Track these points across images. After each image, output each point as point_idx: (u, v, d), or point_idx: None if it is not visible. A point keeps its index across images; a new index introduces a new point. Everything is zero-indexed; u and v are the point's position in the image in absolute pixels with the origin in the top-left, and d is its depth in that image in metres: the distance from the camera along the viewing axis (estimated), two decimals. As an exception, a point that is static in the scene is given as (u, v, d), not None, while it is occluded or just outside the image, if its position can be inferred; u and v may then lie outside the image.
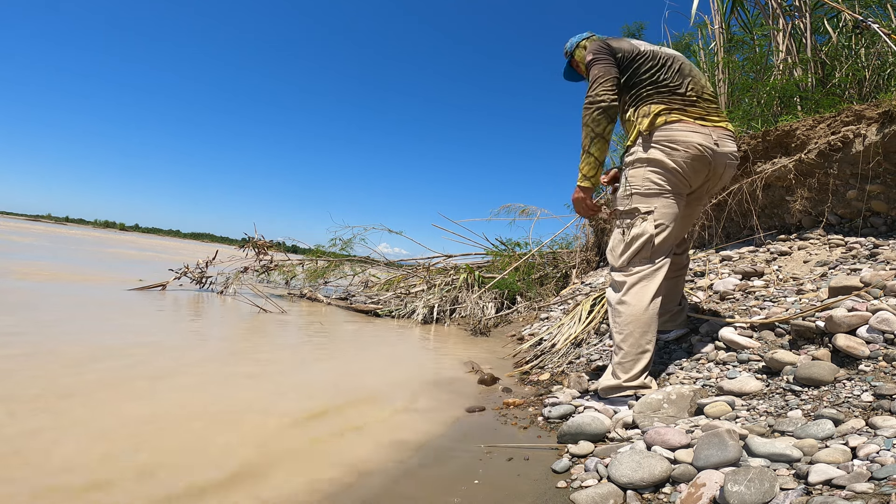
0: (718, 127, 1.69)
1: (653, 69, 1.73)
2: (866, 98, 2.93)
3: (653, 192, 1.65)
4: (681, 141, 1.62)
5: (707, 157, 1.65)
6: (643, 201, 1.66)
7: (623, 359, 1.61)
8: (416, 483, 1.21)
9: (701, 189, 1.78)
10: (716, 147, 1.65)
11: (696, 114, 1.68)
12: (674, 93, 1.70)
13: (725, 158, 1.70)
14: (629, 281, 1.65)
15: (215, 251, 5.87)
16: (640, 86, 1.73)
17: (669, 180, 1.65)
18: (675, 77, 1.72)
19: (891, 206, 2.43)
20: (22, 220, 67.21)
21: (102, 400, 1.57)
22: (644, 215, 1.65)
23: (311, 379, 2.14)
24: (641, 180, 1.66)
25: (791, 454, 0.99)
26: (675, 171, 1.64)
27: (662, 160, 1.63)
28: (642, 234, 1.64)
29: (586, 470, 1.21)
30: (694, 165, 1.64)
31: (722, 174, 1.73)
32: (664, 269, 1.66)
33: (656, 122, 1.66)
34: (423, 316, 4.29)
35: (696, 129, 1.64)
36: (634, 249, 1.65)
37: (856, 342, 1.36)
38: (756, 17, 3.83)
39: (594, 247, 5.11)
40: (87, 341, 2.34)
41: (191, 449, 1.30)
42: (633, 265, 1.66)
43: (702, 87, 1.75)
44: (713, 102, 1.76)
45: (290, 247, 6.56)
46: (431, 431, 1.57)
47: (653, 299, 1.62)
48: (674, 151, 1.63)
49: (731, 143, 1.73)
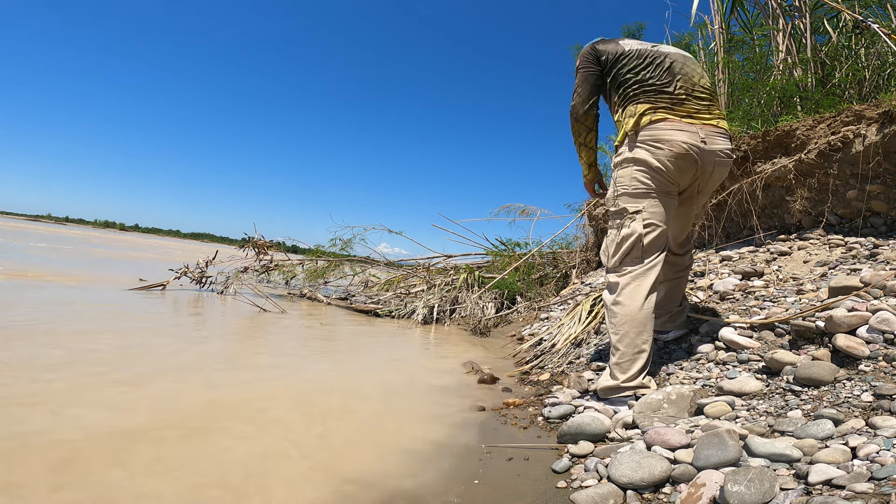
0: (708, 125, 1.68)
1: (637, 68, 1.74)
2: (866, 98, 2.93)
3: (640, 191, 1.66)
4: (665, 140, 1.63)
5: (692, 155, 1.64)
6: (631, 201, 1.67)
7: (620, 359, 1.61)
8: (416, 483, 1.21)
9: (692, 188, 1.77)
10: (702, 145, 1.65)
11: (684, 112, 1.68)
12: (661, 91, 1.70)
13: (714, 156, 1.68)
14: (622, 281, 1.66)
15: (215, 251, 5.87)
16: (625, 86, 1.75)
17: (655, 179, 1.65)
18: (664, 75, 1.72)
19: (891, 206, 2.43)
20: (22, 220, 67.23)
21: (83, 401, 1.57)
22: (632, 215, 1.66)
23: (310, 379, 2.13)
24: (629, 180, 1.68)
25: (791, 454, 0.99)
26: (660, 170, 1.64)
27: (647, 159, 1.64)
28: (631, 234, 1.65)
29: (586, 470, 1.21)
30: (678, 164, 1.64)
31: (712, 172, 1.72)
32: (657, 268, 1.66)
33: (641, 121, 1.67)
34: (423, 316, 4.29)
35: (682, 127, 1.64)
36: (625, 250, 1.66)
37: (856, 342, 1.36)
38: (756, 18, 3.84)
39: (594, 247, 5.11)
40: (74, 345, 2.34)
41: (186, 462, 1.29)
42: (624, 265, 1.67)
43: (692, 84, 1.73)
44: (706, 100, 1.74)
45: (290, 247, 6.57)
46: (431, 431, 1.56)
47: (647, 298, 1.62)
48: (658, 150, 1.63)
49: (722, 141, 1.71)
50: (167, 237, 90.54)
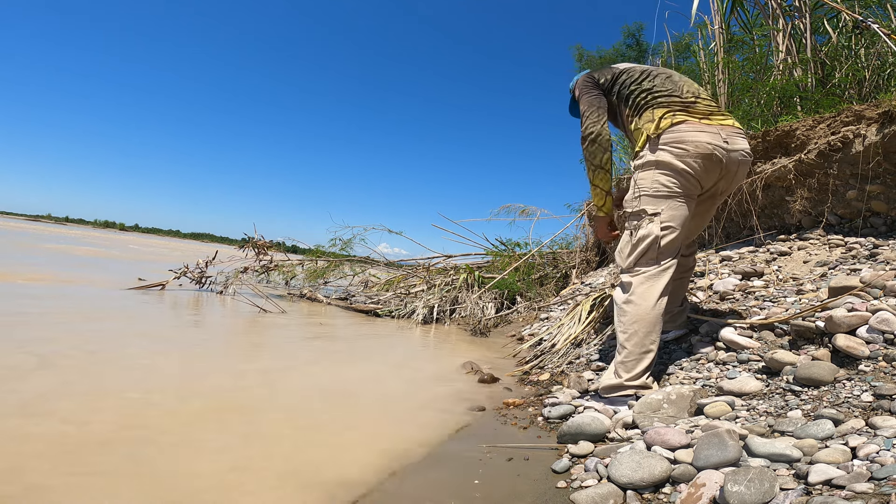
0: (725, 125, 1.68)
1: (641, 80, 1.77)
2: (866, 98, 2.93)
3: (661, 194, 1.65)
4: (689, 141, 1.62)
5: (718, 155, 1.63)
6: (650, 203, 1.66)
7: (626, 358, 1.61)
8: (416, 483, 1.21)
9: (714, 188, 1.76)
10: (726, 145, 1.64)
11: (700, 113, 1.68)
12: (671, 95, 1.71)
13: (738, 156, 1.68)
14: (635, 281, 1.65)
15: (215, 251, 5.87)
16: (634, 95, 1.76)
17: (679, 182, 1.64)
18: (666, 82, 1.75)
19: (891, 206, 2.43)
20: (22, 220, 67.23)
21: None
22: (651, 217, 1.65)
23: (308, 378, 2.13)
24: (650, 182, 1.66)
25: (791, 454, 0.99)
26: (686, 173, 1.63)
27: (672, 162, 1.63)
28: (648, 235, 1.64)
29: (586, 470, 1.21)
30: (705, 165, 1.63)
31: (736, 172, 1.72)
32: (671, 271, 1.66)
33: (661, 124, 1.66)
34: (423, 316, 4.29)
35: (703, 128, 1.64)
36: (641, 251, 1.65)
37: (856, 342, 1.36)
38: (756, 18, 3.84)
39: (594, 247, 5.11)
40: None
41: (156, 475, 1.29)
42: (639, 266, 1.66)
43: (697, 88, 1.77)
44: (713, 103, 1.76)
45: (289, 247, 6.56)
46: (431, 431, 1.56)
47: (658, 300, 1.62)
48: (683, 152, 1.62)
49: (742, 141, 1.71)
50: (167, 237, 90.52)
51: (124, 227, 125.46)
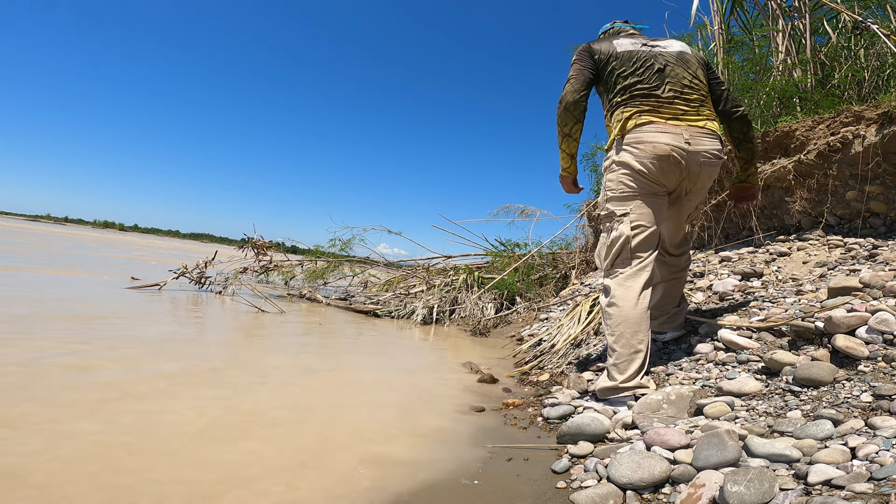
0: (694, 126, 1.68)
1: (626, 73, 1.75)
2: (866, 99, 2.93)
3: (626, 194, 1.68)
4: (648, 142, 1.64)
5: (675, 156, 1.64)
6: (618, 204, 1.70)
7: (617, 360, 1.62)
8: (415, 483, 1.21)
9: (680, 189, 1.77)
10: (687, 146, 1.65)
11: (670, 114, 1.68)
12: (649, 94, 1.71)
13: (699, 157, 1.67)
14: (614, 284, 1.68)
15: (214, 252, 5.87)
16: (613, 91, 1.77)
17: (638, 181, 1.67)
18: (653, 78, 1.72)
19: (890, 206, 2.43)
20: (21, 220, 67.21)
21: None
22: (620, 218, 1.69)
23: (307, 378, 2.13)
24: (616, 184, 1.71)
25: (790, 454, 0.99)
26: (642, 172, 1.66)
27: (630, 162, 1.66)
28: (620, 236, 1.68)
29: (586, 470, 1.21)
30: (661, 166, 1.65)
31: (699, 173, 1.71)
32: (648, 269, 1.68)
33: (627, 125, 1.69)
34: (423, 316, 4.29)
35: (666, 129, 1.65)
36: (615, 252, 1.69)
37: (855, 343, 1.37)
38: (756, 18, 3.84)
39: (593, 247, 5.11)
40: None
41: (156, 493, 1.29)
42: (616, 267, 1.70)
43: (682, 86, 1.73)
44: (696, 101, 1.73)
45: (289, 247, 6.56)
46: (430, 432, 1.56)
47: (639, 298, 1.64)
48: (640, 152, 1.65)
49: (708, 142, 1.69)
50: (166, 237, 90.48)
51: (124, 228, 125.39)
